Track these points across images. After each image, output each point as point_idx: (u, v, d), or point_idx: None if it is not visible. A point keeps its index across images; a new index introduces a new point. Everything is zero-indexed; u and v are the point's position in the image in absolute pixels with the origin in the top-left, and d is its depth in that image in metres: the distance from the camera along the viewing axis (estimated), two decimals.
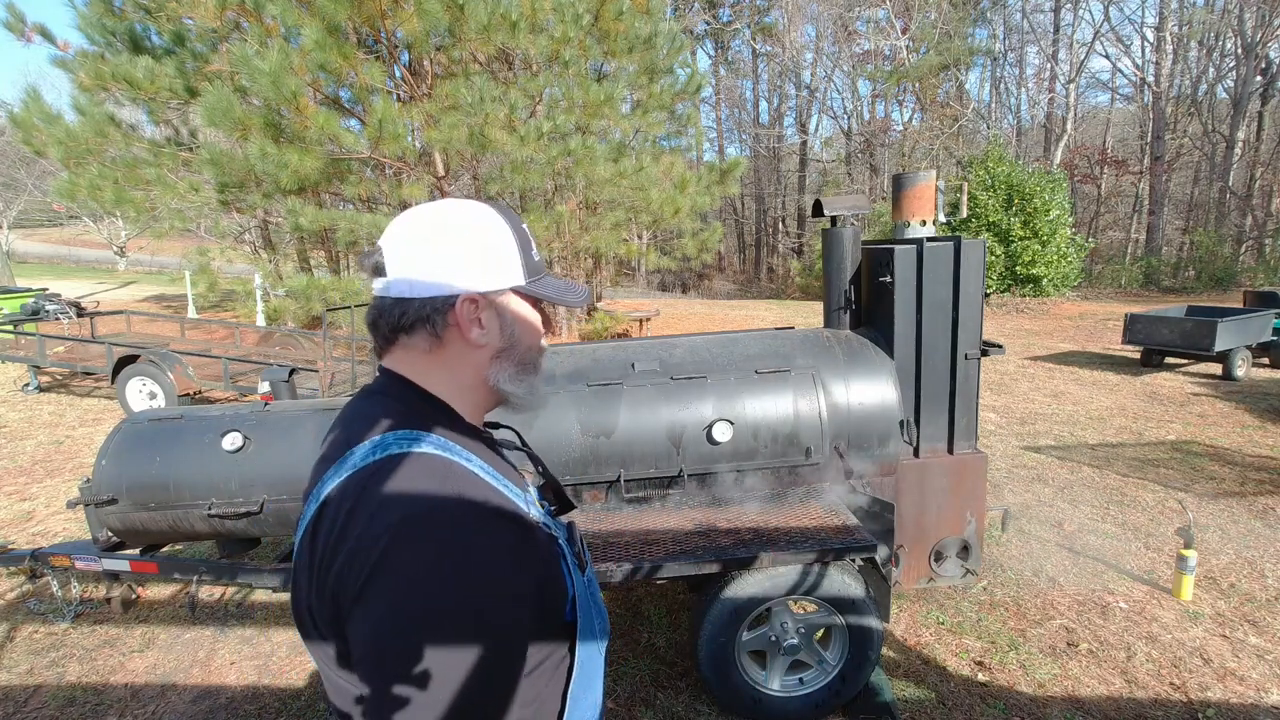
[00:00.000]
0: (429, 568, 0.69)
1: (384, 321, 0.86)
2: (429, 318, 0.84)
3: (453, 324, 0.84)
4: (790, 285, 25.23)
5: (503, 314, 0.88)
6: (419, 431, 0.80)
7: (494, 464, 0.85)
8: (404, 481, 0.74)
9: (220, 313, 14.83)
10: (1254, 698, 2.74)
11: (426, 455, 0.77)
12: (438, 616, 0.68)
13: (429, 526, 0.71)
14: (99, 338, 8.83)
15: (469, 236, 0.84)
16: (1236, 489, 4.87)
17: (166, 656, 3.25)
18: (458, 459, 0.79)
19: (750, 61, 33.84)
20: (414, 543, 0.69)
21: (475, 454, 0.82)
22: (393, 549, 0.69)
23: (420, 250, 0.83)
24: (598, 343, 3.28)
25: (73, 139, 7.67)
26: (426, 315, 0.84)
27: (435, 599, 0.68)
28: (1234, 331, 7.96)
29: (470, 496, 0.75)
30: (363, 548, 0.70)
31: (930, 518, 3.13)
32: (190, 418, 2.98)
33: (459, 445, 0.81)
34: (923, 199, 3.24)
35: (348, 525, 0.73)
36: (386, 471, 0.75)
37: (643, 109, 9.96)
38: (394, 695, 0.66)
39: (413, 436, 0.79)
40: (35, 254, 28.96)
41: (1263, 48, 20.52)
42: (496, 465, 0.85)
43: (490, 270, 0.85)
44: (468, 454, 0.81)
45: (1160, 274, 19.48)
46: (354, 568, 0.70)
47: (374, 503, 0.73)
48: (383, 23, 7.18)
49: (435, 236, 0.83)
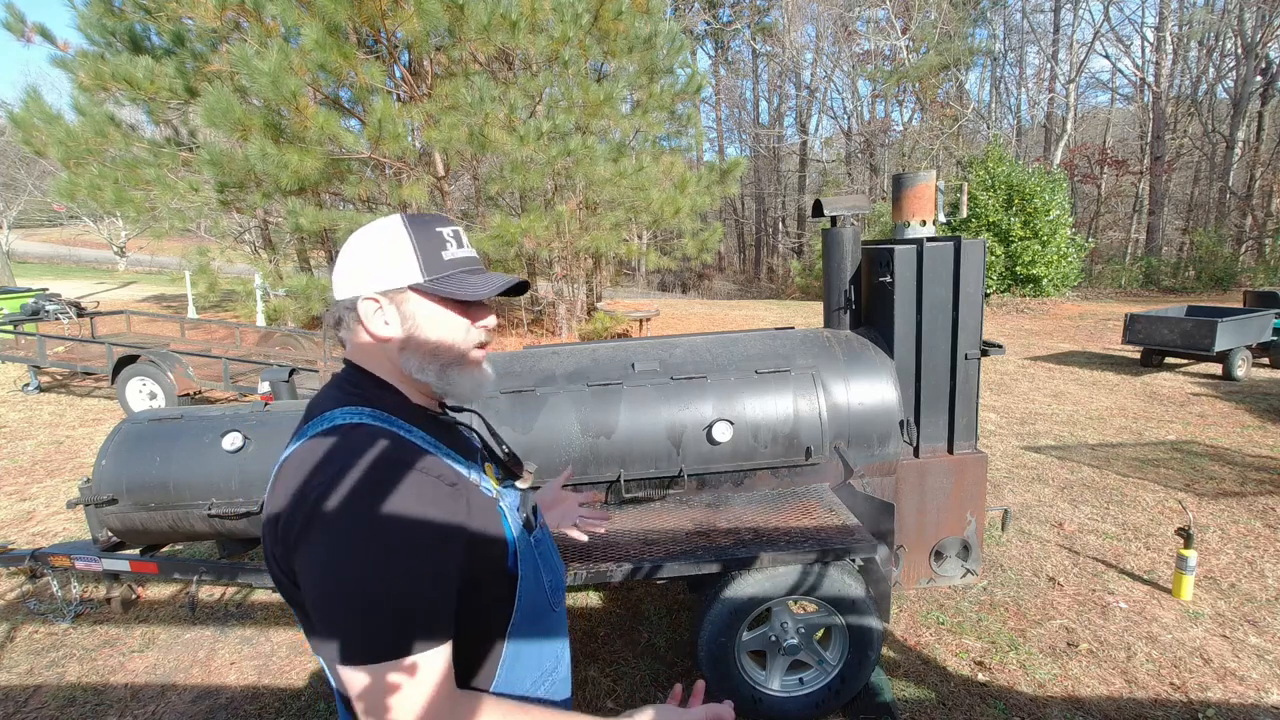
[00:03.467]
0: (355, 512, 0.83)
1: (328, 319, 1.04)
2: (342, 317, 1.01)
3: (359, 321, 0.99)
4: (790, 285, 25.22)
5: (401, 310, 0.98)
6: (362, 407, 0.95)
7: (440, 436, 1.01)
8: (339, 444, 0.89)
9: (220, 313, 14.83)
10: (1254, 698, 2.74)
11: (364, 425, 0.92)
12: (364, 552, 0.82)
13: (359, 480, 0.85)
14: (99, 338, 8.83)
15: (367, 248, 0.98)
16: (1236, 489, 4.87)
17: (166, 656, 3.25)
18: (394, 428, 0.94)
19: (750, 61, 33.86)
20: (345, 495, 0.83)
21: (418, 427, 0.97)
22: (322, 497, 0.83)
23: (339, 265, 1.01)
24: (597, 343, 3.28)
25: (73, 139, 7.68)
26: (339, 315, 1.01)
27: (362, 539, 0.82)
28: (1234, 331, 7.95)
29: (398, 457, 0.89)
30: (305, 498, 0.85)
31: (930, 518, 3.13)
32: (190, 418, 2.98)
33: (401, 419, 0.96)
34: (923, 199, 3.24)
35: (291, 481, 0.87)
36: (328, 437, 0.90)
37: (643, 109, 9.96)
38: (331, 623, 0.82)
39: (355, 412, 0.94)
40: (35, 254, 28.95)
41: (1263, 48, 20.52)
42: (443, 437, 1.01)
43: (384, 273, 0.97)
44: (409, 426, 0.96)
45: (1160, 274, 19.47)
46: (297, 516, 0.84)
47: (316, 463, 0.87)
48: (383, 23, 7.18)
49: (346, 252, 1.00)
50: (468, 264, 1.03)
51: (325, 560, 0.82)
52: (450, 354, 1.01)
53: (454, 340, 1.01)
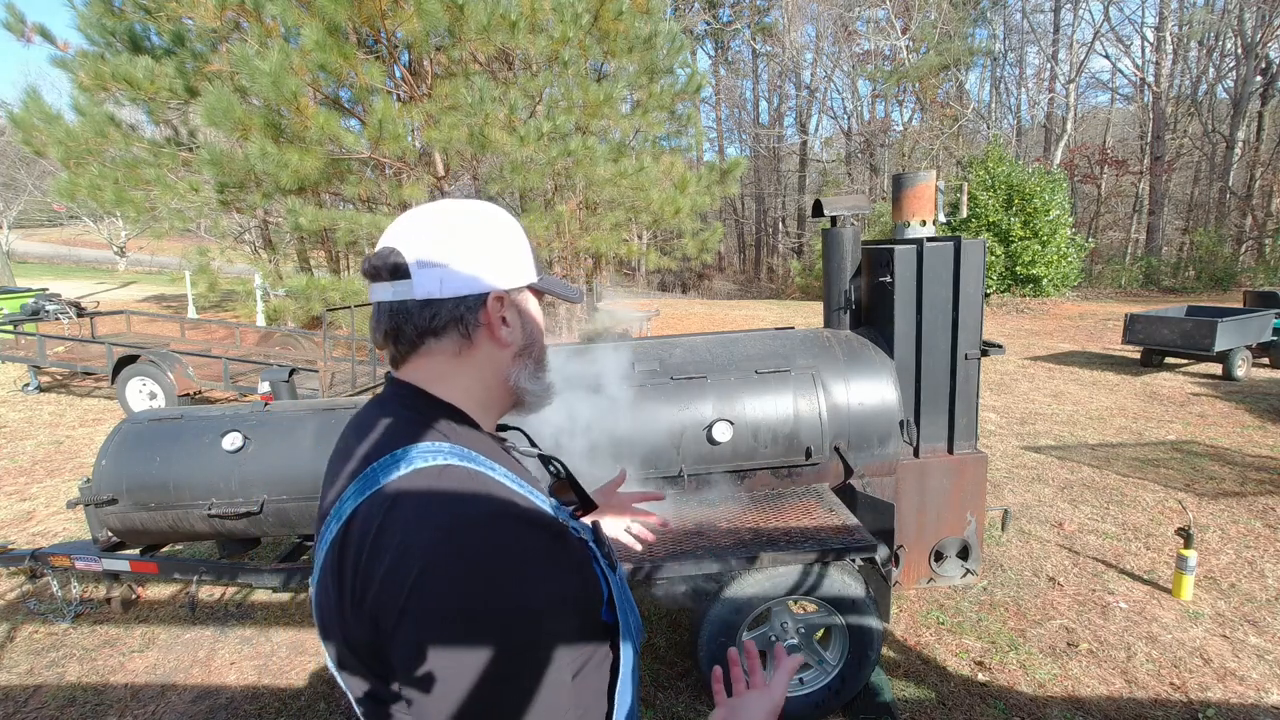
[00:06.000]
0: (466, 583, 0.67)
1: (410, 327, 0.80)
2: (462, 317, 0.80)
3: (484, 323, 0.81)
4: (790, 285, 25.22)
5: (523, 311, 0.86)
6: (441, 443, 0.77)
7: (513, 469, 0.83)
8: (432, 496, 0.72)
9: (220, 313, 14.83)
10: (1254, 698, 2.74)
11: (452, 467, 0.74)
12: (479, 629, 0.66)
13: (462, 541, 0.69)
14: (99, 338, 8.83)
15: (492, 233, 0.82)
16: (1236, 489, 4.87)
17: (166, 656, 3.25)
18: (482, 468, 0.76)
19: (750, 61, 33.87)
20: (449, 559, 0.67)
21: (497, 461, 0.80)
22: (430, 568, 0.67)
23: (445, 249, 0.79)
24: (598, 343, 3.28)
25: (73, 139, 7.68)
26: (460, 315, 0.80)
27: (476, 613, 0.66)
28: (1234, 331, 7.95)
29: (500, 506, 0.73)
30: (399, 567, 0.67)
31: (930, 518, 3.13)
32: (190, 418, 2.98)
33: (480, 454, 0.78)
34: (923, 199, 3.24)
35: (379, 544, 0.70)
36: (414, 486, 0.72)
37: (643, 109, 9.96)
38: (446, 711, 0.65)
39: (435, 449, 0.76)
40: (35, 254, 28.96)
41: (1263, 48, 20.52)
42: (515, 470, 0.83)
43: (512, 267, 0.83)
44: (490, 462, 0.78)
45: (1160, 274, 19.47)
46: (391, 589, 0.67)
47: (405, 520, 0.70)
48: (383, 23, 7.19)
49: (459, 234, 0.80)
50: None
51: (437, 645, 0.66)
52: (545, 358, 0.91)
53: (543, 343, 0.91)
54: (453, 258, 0.79)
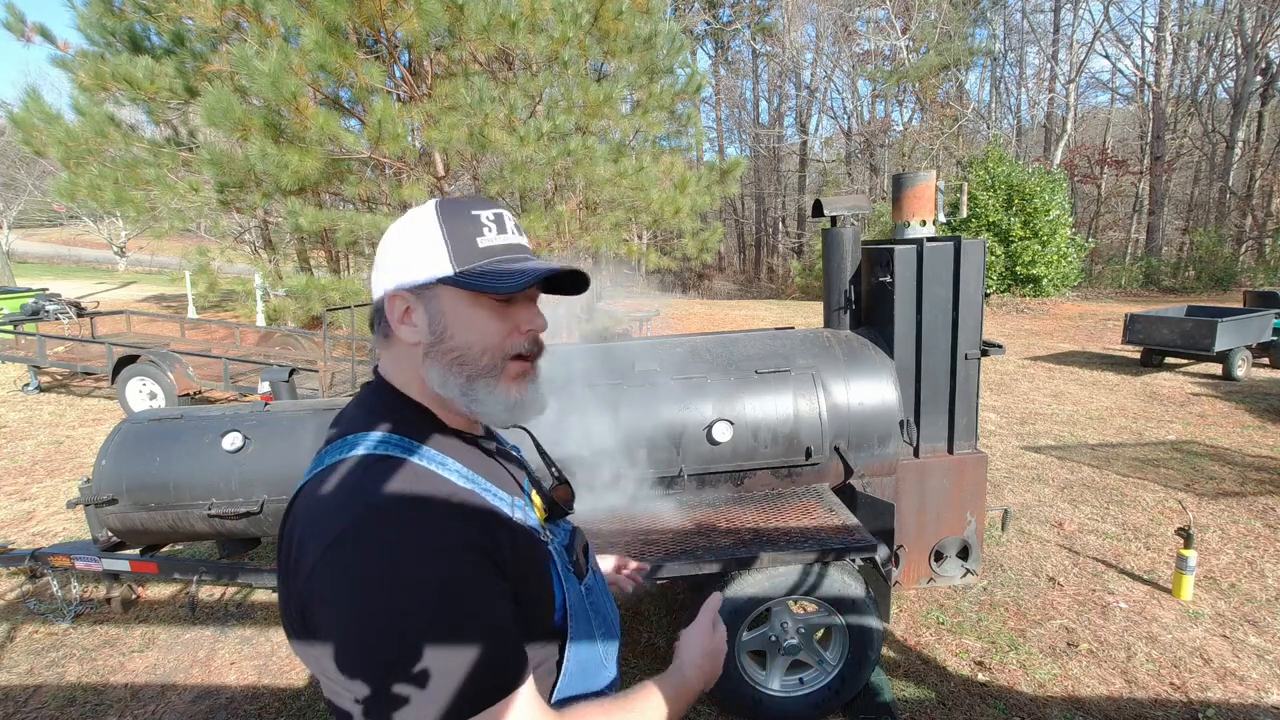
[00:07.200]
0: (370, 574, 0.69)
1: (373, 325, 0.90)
2: (372, 318, 0.88)
3: (388, 321, 0.85)
4: (790, 285, 25.22)
5: (429, 308, 0.83)
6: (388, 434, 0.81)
7: (478, 466, 0.85)
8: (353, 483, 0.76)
9: (220, 313, 14.83)
10: (1254, 698, 2.74)
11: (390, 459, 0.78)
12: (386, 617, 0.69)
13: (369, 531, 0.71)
14: (99, 338, 8.83)
15: (397, 237, 0.85)
16: (1236, 489, 4.87)
17: (166, 656, 3.25)
18: (427, 463, 0.79)
19: (750, 61, 33.86)
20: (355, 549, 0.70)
21: (453, 456, 0.82)
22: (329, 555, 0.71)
23: (380, 253, 0.88)
24: (597, 343, 3.28)
25: (73, 139, 7.67)
26: (372, 317, 0.88)
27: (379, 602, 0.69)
28: (1234, 331, 7.95)
29: (419, 496, 0.75)
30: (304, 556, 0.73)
31: (930, 518, 3.13)
32: (190, 418, 2.98)
33: (430, 447, 0.81)
34: (923, 199, 3.24)
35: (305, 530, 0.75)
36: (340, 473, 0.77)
37: (643, 109, 9.95)
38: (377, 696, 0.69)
39: (384, 439, 0.80)
40: (35, 254, 28.96)
41: (1263, 48, 20.52)
42: (481, 468, 0.85)
43: (413, 265, 0.83)
44: (441, 456, 0.81)
45: (1160, 274, 19.47)
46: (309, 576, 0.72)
47: (325, 505, 0.75)
48: (383, 23, 7.18)
49: (387, 238, 0.87)
50: (510, 251, 0.85)
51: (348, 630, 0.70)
52: (477, 364, 0.83)
53: (484, 346, 0.84)
54: (380, 260, 0.87)
